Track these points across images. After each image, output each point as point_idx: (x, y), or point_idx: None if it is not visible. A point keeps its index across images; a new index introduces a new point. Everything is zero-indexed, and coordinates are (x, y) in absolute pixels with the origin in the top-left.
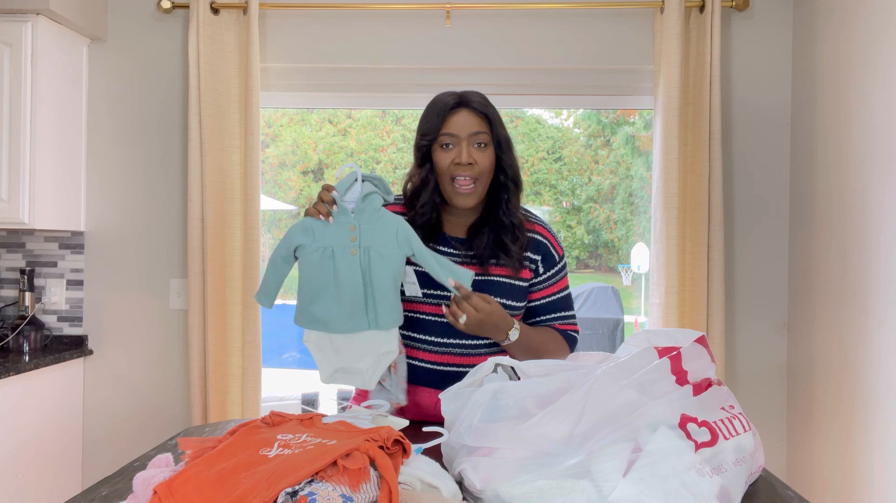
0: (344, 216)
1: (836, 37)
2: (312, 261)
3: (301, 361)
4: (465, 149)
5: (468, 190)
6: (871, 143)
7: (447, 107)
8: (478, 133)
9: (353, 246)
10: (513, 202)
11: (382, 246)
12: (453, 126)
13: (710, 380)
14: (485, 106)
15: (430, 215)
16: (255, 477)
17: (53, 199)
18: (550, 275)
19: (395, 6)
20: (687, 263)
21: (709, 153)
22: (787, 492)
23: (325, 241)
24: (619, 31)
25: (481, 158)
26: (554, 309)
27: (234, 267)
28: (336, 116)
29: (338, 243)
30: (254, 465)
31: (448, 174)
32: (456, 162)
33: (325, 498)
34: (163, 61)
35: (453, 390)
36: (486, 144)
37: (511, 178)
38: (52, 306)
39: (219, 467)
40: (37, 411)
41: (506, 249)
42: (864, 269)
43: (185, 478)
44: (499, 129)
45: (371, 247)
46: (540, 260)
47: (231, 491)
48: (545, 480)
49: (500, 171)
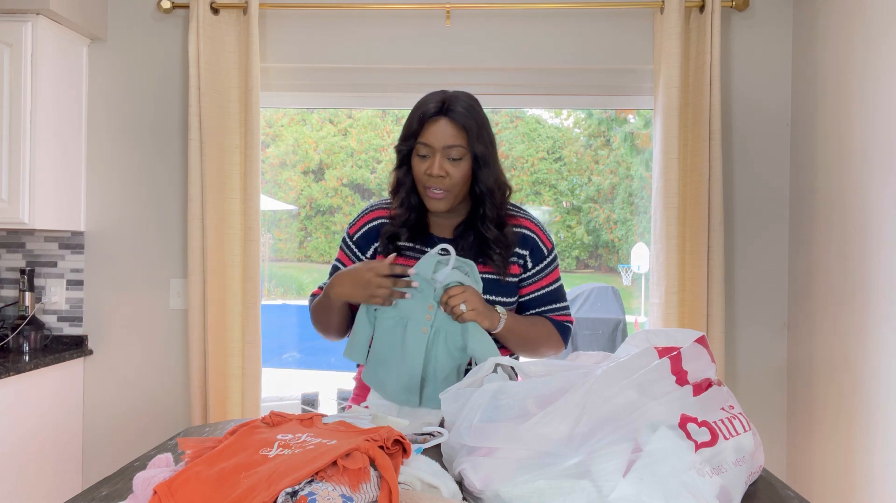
0: (427, 292)
1: (836, 37)
2: (386, 326)
3: (301, 361)
4: (438, 161)
5: (439, 196)
6: (871, 142)
7: (427, 114)
8: (452, 147)
9: (426, 324)
10: (489, 215)
11: (452, 332)
12: (429, 136)
13: (710, 380)
14: (466, 116)
15: (408, 215)
16: (254, 477)
17: (53, 199)
18: (540, 268)
19: (395, 6)
20: (687, 263)
21: (709, 153)
22: (787, 492)
23: (403, 310)
24: (619, 31)
25: (454, 171)
26: (545, 301)
27: (234, 267)
28: (337, 116)
29: (413, 317)
30: (254, 465)
31: (422, 182)
32: (428, 173)
33: (325, 498)
34: (163, 61)
35: (453, 390)
36: (461, 158)
37: (487, 193)
38: (52, 306)
39: (219, 467)
40: (37, 411)
41: (489, 256)
42: (864, 269)
43: (185, 478)
44: (476, 144)
45: (442, 330)
46: (528, 254)
47: (231, 490)
48: (545, 480)
49: (476, 183)
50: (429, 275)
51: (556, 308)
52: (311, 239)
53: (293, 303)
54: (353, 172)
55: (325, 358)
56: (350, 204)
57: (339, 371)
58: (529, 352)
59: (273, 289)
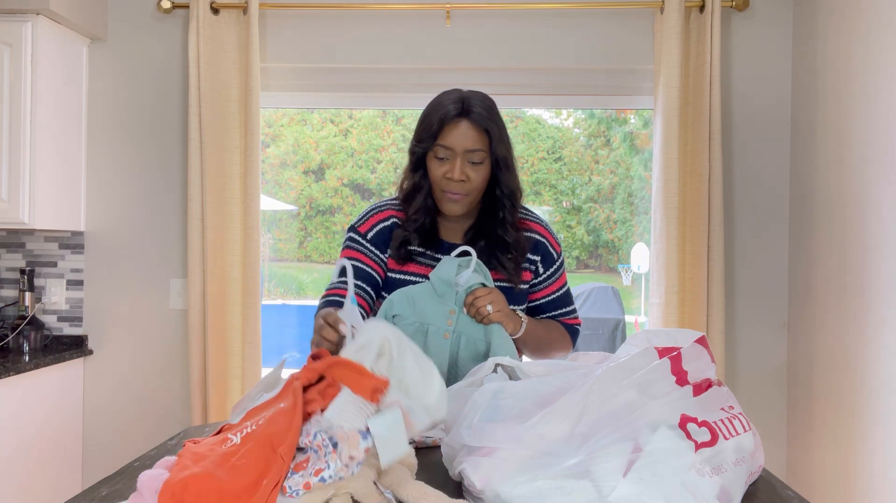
0: (448, 296)
1: (836, 37)
2: (405, 334)
3: (301, 361)
4: (459, 165)
5: (457, 198)
6: (871, 142)
7: (448, 116)
8: (474, 150)
9: (448, 329)
10: (508, 219)
11: (474, 336)
12: (450, 139)
13: (710, 380)
14: (487, 118)
15: (423, 220)
16: (250, 454)
17: (53, 199)
18: (550, 273)
19: (395, 6)
20: (687, 263)
21: (709, 153)
22: (787, 492)
23: (423, 317)
24: (619, 31)
25: (475, 175)
26: (556, 306)
27: (234, 267)
28: (338, 116)
29: (434, 322)
30: (234, 452)
31: (439, 185)
32: (448, 177)
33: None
34: (163, 61)
35: (453, 390)
36: (482, 161)
37: (508, 196)
38: (52, 306)
39: (202, 464)
40: (37, 411)
41: (501, 263)
42: (864, 269)
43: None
44: (498, 147)
45: (464, 334)
46: (539, 260)
47: (236, 473)
48: (545, 480)
49: (497, 186)
50: (451, 278)
51: (566, 312)
52: (312, 239)
53: (293, 304)
54: (354, 172)
55: None
56: (350, 204)
57: None
58: (542, 355)
59: (273, 289)
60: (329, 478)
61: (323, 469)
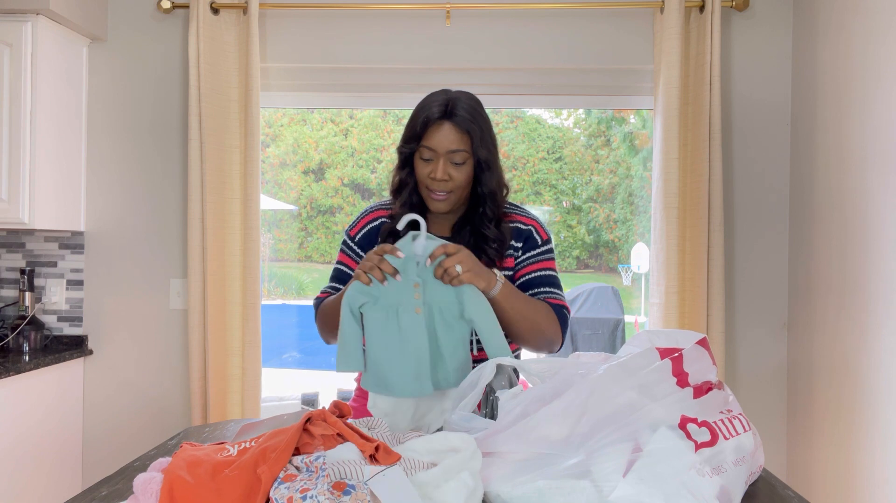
0: (409, 271)
1: (836, 37)
2: (376, 322)
3: (301, 361)
4: (442, 166)
5: (442, 197)
6: (871, 142)
7: (431, 118)
8: (456, 151)
9: (418, 303)
10: (489, 215)
11: (445, 302)
12: (433, 140)
13: (710, 382)
14: (469, 121)
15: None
16: (242, 466)
17: (53, 199)
18: (534, 253)
19: (395, 6)
20: (687, 263)
21: (709, 153)
22: (787, 492)
23: (389, 299)
24: (618, 31)
25: (457, 175)
26: (540, 283)
27: (234, 267)
28: (339, 116)
29: (402, 302)
30: (228, 463)
31: (424, 184)
32: (431, 177)
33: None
34: (163, 61)
35: (454, 391)
36: (464, 162)
37: (489, 195)
38: (52, 306)
39: (196, 471)
40: (37, 411)
41: (484, 251)
42: (864, 270)
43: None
44: (479, 148)
45: (434, 304)
46: (521, 246)
47: (228, 482)
48: (545, 480)
49: (479, 185)
50: (408, 251)
51: (552, 292)
52: (312, 239)
53: (293, 303)
54: (354, 172)
55: (325, 358)
56: (350, 204)
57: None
58: (528, 330)
59: (273, 289)
60: (310, 498)
61: (309, 489)
